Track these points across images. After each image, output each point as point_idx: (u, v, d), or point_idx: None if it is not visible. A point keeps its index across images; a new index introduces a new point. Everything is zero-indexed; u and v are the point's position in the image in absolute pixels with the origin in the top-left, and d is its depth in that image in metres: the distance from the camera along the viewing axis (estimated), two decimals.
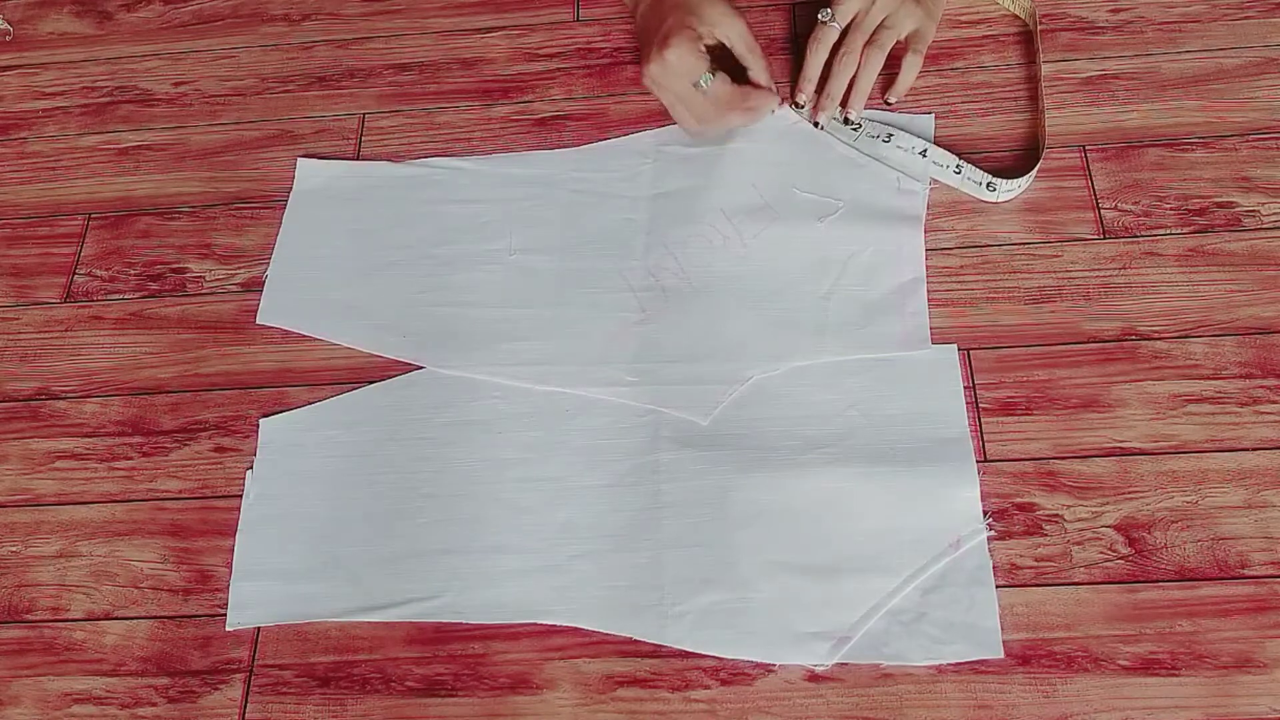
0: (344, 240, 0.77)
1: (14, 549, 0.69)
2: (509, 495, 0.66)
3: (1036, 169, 0.73)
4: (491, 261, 0.75)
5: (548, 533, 0.65)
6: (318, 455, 0.69)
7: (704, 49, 0.73)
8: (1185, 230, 0.71)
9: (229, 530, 0.67)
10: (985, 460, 0.64)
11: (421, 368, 0.71)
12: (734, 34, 0.74)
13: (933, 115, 0.77)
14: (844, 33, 0.75)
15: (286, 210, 0.79)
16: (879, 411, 0.66)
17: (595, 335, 0.71)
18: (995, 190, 0.73)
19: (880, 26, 0.74)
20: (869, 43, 0.74)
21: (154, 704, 0.63)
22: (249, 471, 0.69)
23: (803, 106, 0.76)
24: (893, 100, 0.76)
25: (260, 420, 0.71)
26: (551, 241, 0.75)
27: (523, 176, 0.78)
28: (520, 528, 0.65)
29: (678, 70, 0.72)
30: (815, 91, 0.76)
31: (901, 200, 0.73)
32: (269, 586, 0.65)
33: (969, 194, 0.73)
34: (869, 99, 0.76)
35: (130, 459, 0.71)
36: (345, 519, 0.67)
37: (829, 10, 0.75)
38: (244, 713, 0.62)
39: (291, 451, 0.69)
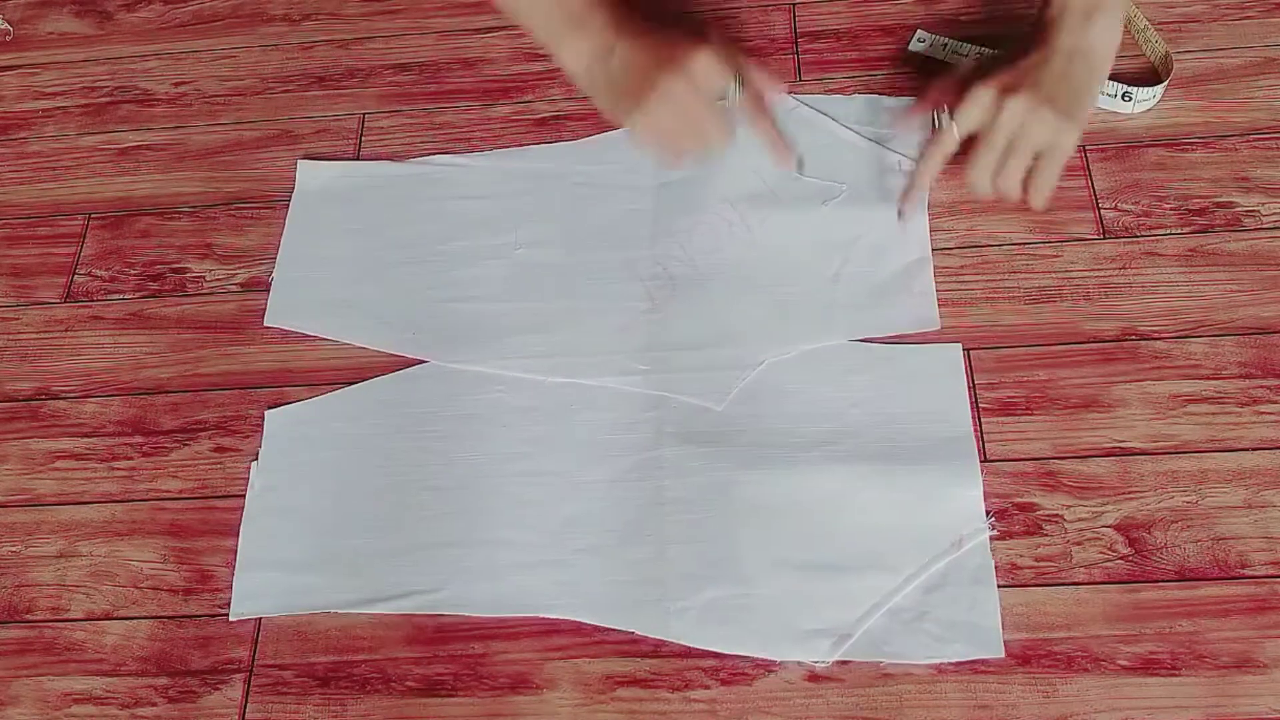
0: (348, 240, 0.77)
1: (14, 549, 0.68)
2: (512, 489, 0.66)
3: (1168, 81, 0.74)
4: (497, 256, 0.75)
5: (551, 527, 0.65)
6: (322, 447, 0.69)
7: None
8: (1185, 230, 0.71)
9: (229, 530, 0.67)
10: (985, 460, 0.64)
11: (426, 361, 0.72)
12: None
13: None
14: (968, 142, 0.67)
15: (289, 212, 0.79)
16: (883, 410, 0.66)
17: (604, 326, 0.71)
18: (1131, 100, 0.73)
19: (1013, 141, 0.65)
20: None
21: (154, 704, 0.63)
22: (254, 463, 0.69)
23: (903, 216, 0.70)
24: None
25: (266, 412, 0.71)
26: (557, 235, 0.75)
27: (525, 171, 0.78)
28: (523, 522, 0.65)
29: (702, 83, 0.65)
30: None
31: (904, 182, 0.73)
32: (273, 577, 0.65)
33: (1102, 108, 0.74)
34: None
35: (130, 459, 0.71)
36: (349, 511, 0.67)
37: (947, 117, 0.67)
38: (244, 713, 0.62)
39: (296, 444, 0.70)
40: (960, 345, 0.68)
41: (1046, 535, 0.62)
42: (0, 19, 0.93)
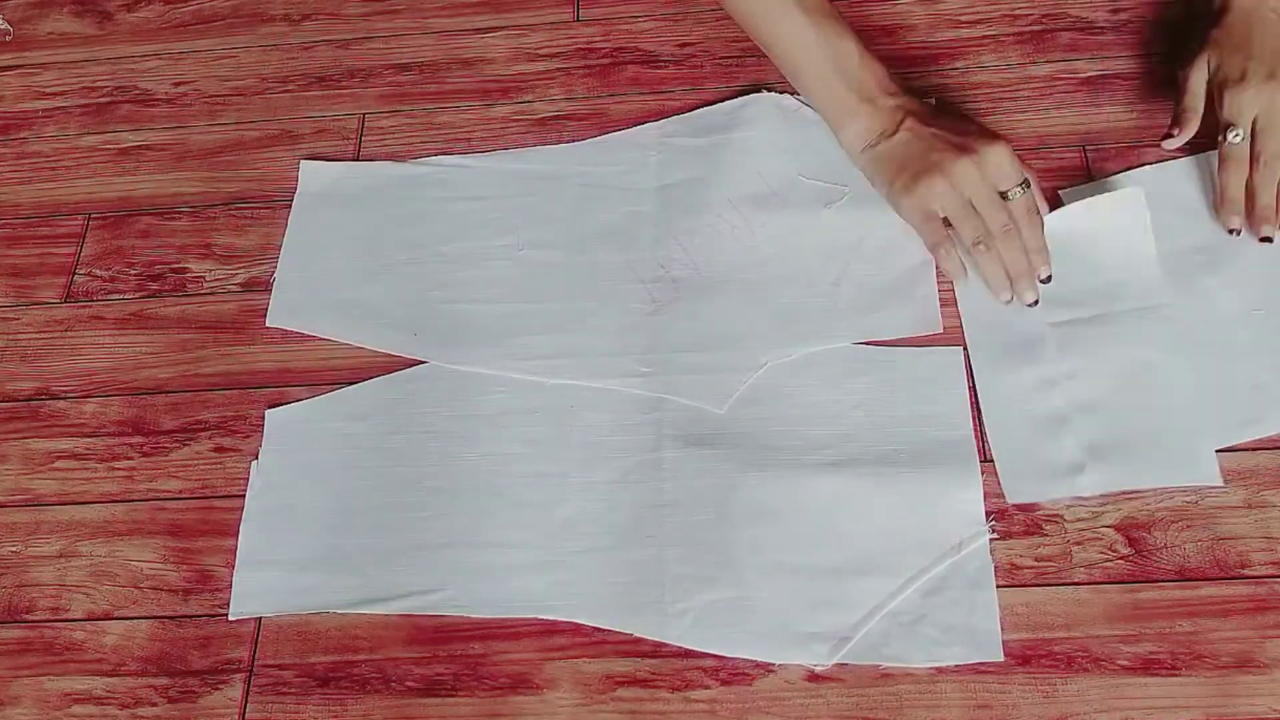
0: (351, 241, 0.77)
1: (14, 549, 0.68)
2: (512, 490, 0.66)
3: None
4: (500, 258, 0.75)
5: (550, 528, 0.65)
6: (323, 447, 0.69)
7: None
8: None
9: (229, 530, 0.67)
10: (986, 460, 0.64)
11: (427, 362, 0.71)
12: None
13: (933, 101, 0.77)
14: (1253, 142, 0.67)
15: (292, 212, 0.79)
16: (883, 412, 0.66)
17: (607, 328, 0.71)
18: None
19: None
20: None
21: (154, 704, 0.63)
22: (254, 462, 0.69)
23: (1235, 231, 0.67)
24: None
25: (266, 411, 0.71)
26: (559, 236, 0.75)
27: (528, 172, 0.78)
28: (523, 523, 0.65)
29: (992, 173, 0.65)
30: (1245, 213, 0.67)
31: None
32: (272, 577, 0.65)
33: None
34: None
35: (130, 459, 0.71)
36: (349, 511, 0.67)
37: (1236, 129, 0.66)
38: (244, 713, 0.62)
39: (297, 443, 0.70)
40: (962, 348, 0.68)
41: (1046, 535, 0.62)
42: (0, 19, 0.93)
